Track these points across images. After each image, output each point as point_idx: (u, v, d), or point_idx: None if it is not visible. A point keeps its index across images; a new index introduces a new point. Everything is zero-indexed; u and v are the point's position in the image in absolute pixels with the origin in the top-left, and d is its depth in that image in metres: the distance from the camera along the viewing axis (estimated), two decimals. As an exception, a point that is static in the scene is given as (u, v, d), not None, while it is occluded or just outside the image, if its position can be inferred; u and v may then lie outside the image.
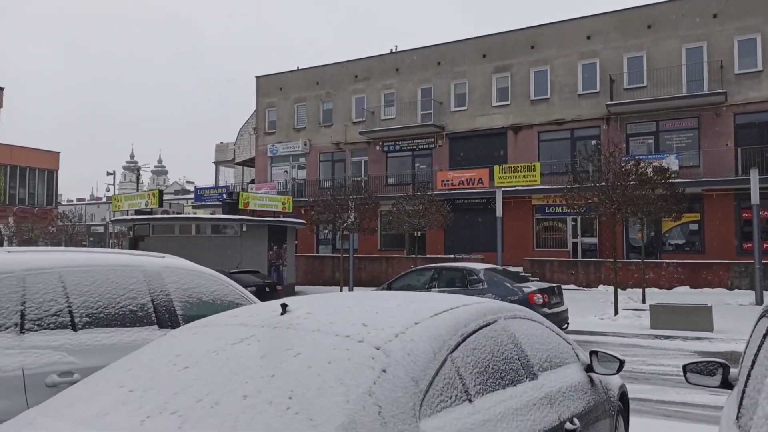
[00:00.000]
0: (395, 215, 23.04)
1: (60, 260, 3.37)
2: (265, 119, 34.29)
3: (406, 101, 29.75)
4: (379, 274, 25.68)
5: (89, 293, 3.35)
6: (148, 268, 3.79)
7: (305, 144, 32.27)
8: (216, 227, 21.58)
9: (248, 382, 1.78)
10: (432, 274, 11.63)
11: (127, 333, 3.42)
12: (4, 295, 3.00)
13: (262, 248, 21.34)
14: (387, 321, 2.14)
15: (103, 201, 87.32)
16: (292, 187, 32.33)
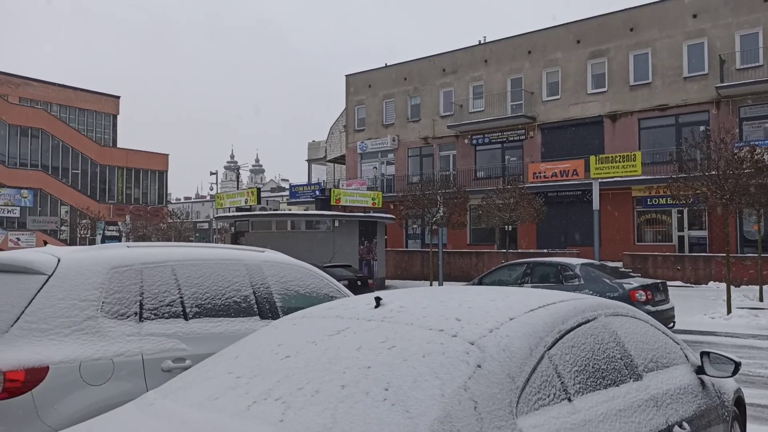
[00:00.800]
0: (485, 209, 22.66)
1: (172, 254, 3.63)
2: (354, 117, 34.96)
3: (495, 93, 29.12)
4: (469, 269, 25.40)
5: (198, 285, 3.59)
6: (250, 262, 3.99)
7: (393, 140, 32.54)
8: (310, 223, 22.32)
9: (346, 372, 1.83)
10: (524, 270, 11.33)
11: (232, 323, 3.63)
12: (125, 287, 3.29)
13: (354, 243, 21.79)
14: (481, 316, 2.11)
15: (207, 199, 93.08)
16: (381, 182, 32.74)
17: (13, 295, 3.01)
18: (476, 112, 29.70)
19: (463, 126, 29.26)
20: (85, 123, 46.32)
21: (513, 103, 28.65)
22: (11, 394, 2.72)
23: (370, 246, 22.56)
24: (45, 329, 2.92)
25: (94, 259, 3.30)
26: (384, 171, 33.38)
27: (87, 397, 2.88)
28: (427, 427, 1.58)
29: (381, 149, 33.30)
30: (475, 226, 27.76)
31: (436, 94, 31.27)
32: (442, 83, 31.09)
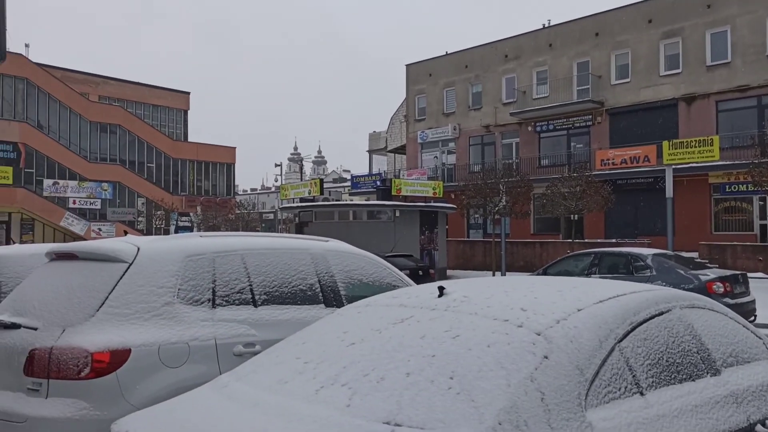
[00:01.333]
0: (550, 198, 22.08)
1: (242, 244, 3.76)
2: (414, 106, 34.83)
3: (561, 78, 28.21)
4: (533, 259, 24.87)
5: (266, 273, 3.71)
6: (314, 251, 4.08)
7: (454, 129, 32.21)
8: (371, 213, 22.51)
9: (410, 360, 1.85)
10: (592, 260, 10.98)
11: (298, 310, 3.73)
12: (199, 275, 3.44)
13: (415, 233, 21.81)
14: (547, 306, 2.07)
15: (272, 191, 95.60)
16: (442, 172, 32.52)
17: (99, 282, 3.21)
18: (540, 98, 28.89)
19: (526, 113, 28.55)
20: (158, 118, 48.61)
21: (579, 87, 27.66)
22: (98, 374, 2.92)
23: (431, 236, 22.50)
24: (127, 314, 3.10)
25: (170, 248, 3.47)
26: (445, 160, 33.13)
27: (165, 378, 3.05)
28: (493, 416, 1.57)
29: (441, 138, 33.05)
30: (539, 216, 27.11)
31: (498, 81, 30.64)
32: (504, 70, 30.43)
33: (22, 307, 3.32)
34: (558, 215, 22.63)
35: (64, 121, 40.96)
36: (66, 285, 3.29)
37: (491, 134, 30.90)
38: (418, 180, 27.18)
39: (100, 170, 41.54)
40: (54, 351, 2.93)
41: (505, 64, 30.38)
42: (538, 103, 28.72)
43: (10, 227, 37.24)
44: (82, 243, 3.89)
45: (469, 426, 1.55)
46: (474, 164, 30.89)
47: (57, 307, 3.15)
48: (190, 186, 46.78)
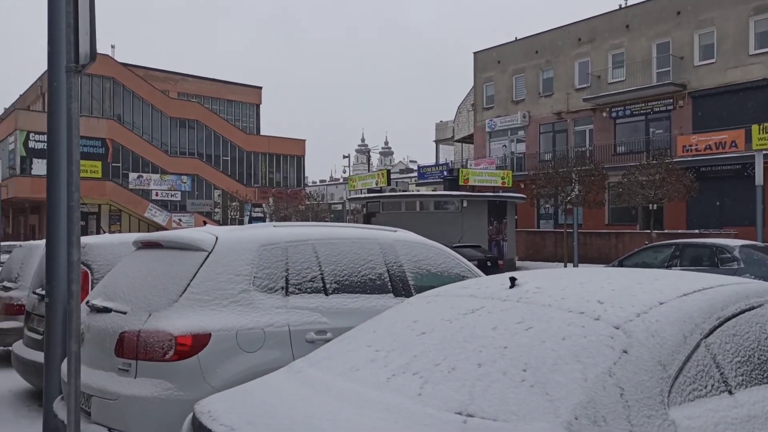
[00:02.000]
0: (626, 187, 21.14)
1: (313, 234, 3.85)
2: (482, 94, 34.23)
3: (638, 60, 26.81)
4: (607, 251, 23.94)
5: (336, 263, 3.78)
6: (383, 241, 4.12)
7: (524, 116, 31.41)
8: (438, 203, 22.41)
9: (482, 351, 1.83)
10: (672, 252, 10.43)
11: (367, 299, 3.78)
12: (273, 263, 3.56)
13: (483, 223, 21.53)
14: (626, 299, 1.98)
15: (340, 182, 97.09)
16: (511, 161, 31.84)
17: (181, 269, 3.38)
18: (616, 82, 27.61)
19: (601, 98, 27.39)
20: (232, 113, 50.44)
21: (659, 70, 26.20)
22: (181, 356, 3.08)
23: (499, 226, 22.14)
24: (207, 300, 3.25)
25: (246, 238, 3.60)
26: (514, 149, 32.41)
27: (243, 362, 3.18)
28: (569, 411, 1.53)
29: (510, 126, 32.32)
30: (614, 205, 26.01)
31: (571, 66, 29.53)
32: (577, 54, 29.29)
33: (113, 292, 3.56)
34: (635, 205, 21.63)
35: (146, 117, 43.37)
36: (151, 272, 3.49)
37: (563, 121, 29.89)
38: (486, 169, 26.76)
39: (180, 164, 43.68)
40: (141, 334, 3.12)
41: (578, 47, 29.23)
42: (614, 87, 27.45)
43: (100, 218, 39.97)
44: (166, 233, 4.10)
45: (544, 419, 1.52)
46: (544, 153, 30.03)
47: (143, 293, 3.35)
48: (263, 178, 48.31)
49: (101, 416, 3.14)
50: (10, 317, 6.50)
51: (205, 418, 1.90)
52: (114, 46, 49.01)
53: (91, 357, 3.34)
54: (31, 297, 5.66)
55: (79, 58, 3.24)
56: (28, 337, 5.47)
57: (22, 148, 37.17)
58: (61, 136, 4.31)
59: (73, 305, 3.17)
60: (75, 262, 3.20)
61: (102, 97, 42.02)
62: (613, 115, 27.74)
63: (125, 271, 3.69)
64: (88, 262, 5.05)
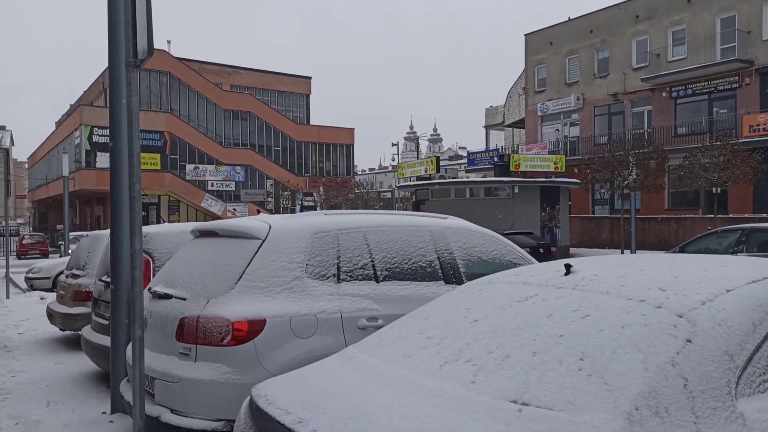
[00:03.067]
0: (687, 169, 20.23)
1: (363, 221, 3.87)
2: (534, 77, 33.39)
3: (701, 36, 25.45)
4: (667, 237, 23.01)
5: (387, 250, 3.79)
6: (433, 228, 4.10)
7: (578, 99, 30.46)
8: (488, 190, 22.11)
9: (536, 339, 1.79)
10: (738, 237, 9.92)
11: (418, 287, 3.78)
12: (325, 251, 3.60)
13: (535, 209, 21.12)
14: (690, 286, 1.90)
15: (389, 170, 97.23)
16: (564, 145, 31.01)
17: (236, 257, 3.47)
18: (676, 60, 26.33)
19: (660, 77, 26.20)
20: (282, 104, 51.24)
21: (723, 46, 24.78)
22: (238, 341, 3.17)
23: (552, 212, 21.66)
24: (261, 287, 3.32)
25: (299, 226, 3.66)
26: (567, 133, 31.53)
27: (297, 348, 3.24)
28: (629, 401, 1.48)
29: (564, 110, 31.42)
30: (674, 190, 24.95)
31: (628, 45, 28.36)
32: (634, 32, 28.08)
33: (173, 279, 3.69)
34: (697, 188, 20.69)
35: (201, 110, 44.66)
36: (208, 260, 3.59)
37: (619, 103, 28.82)
38: (538, 154, 26.16)
39: (233, 155, 44.83)
40: (200, 320, 3.22)
41: (635, 25, 28.02)
42: (675, 66, 26.20)
43: (160, 208, 41.61)
44: (221, 221, 4.22)
45: (602, 409, 1.48)
46: (600, 136, 29.09)
47: (201, 280, 3.46)
48: (313, 167, 48.95)
49: (164, 398, 3.27)
50: (79, 303, 6.85)
51: (262, 401, 1.95)
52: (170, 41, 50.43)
53: (153, 341, 3.48)
54: (98, 284, 5.93)
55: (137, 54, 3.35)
56: (96, 322, 5.74)
57: (86, 142, 39.05)
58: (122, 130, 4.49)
59: (136, 292, 3.31)
60: (137, 250, 3.34)
61: (159, 91, 43.54)
62: (674, 95, 26.50)
63: (184, 259, 3.82)
64: (150, 251, 5.25)
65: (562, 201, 22.12)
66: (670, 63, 26.50)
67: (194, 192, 41.78)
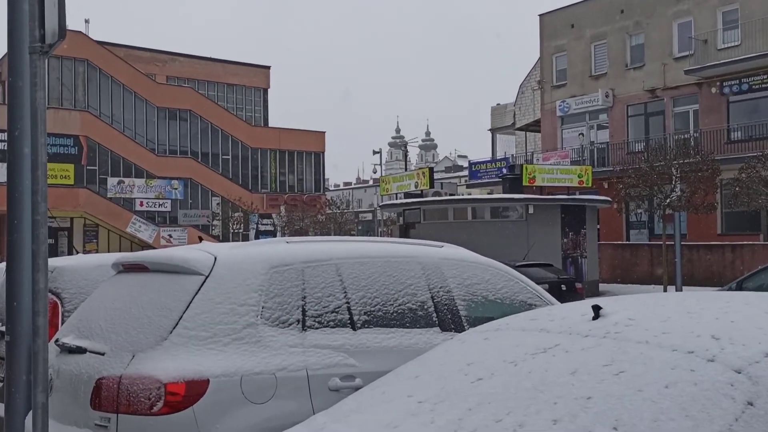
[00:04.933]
0: (745, 184, 20.64)
1: (336, 251, 3.89)
2: (552, 69, 34.01)
3: (758, 18, 26.21)
4: (721, 269, 23.35)
5: (367, 288, 3.81)
6: (426, 259, 4.14)
7: (606, 95, 31.05)
8: (496, 210, 22.30)
9: (557, 403, 1.80)
10: (810, 270, 10.12)
11: (407, 334, 3.79)
12: (286, 289, 3.59)
13: (555, 235, 21.33)
14: (750, 333, 1.92)
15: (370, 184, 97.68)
16: (591, 153, 31.50)
17: (171, 298, 3.44)
18: (728, 47, 27.05)
19: (708, 69, 26.87)
20: (233, 100, 51.41)
21: (786, 30, 25.57)
22: (172, 408, 3.12)
23: (576, 238, 21.90)
24: (204, 337, 3.29)
25: (253, 257, 3.66)
26: (594, 138, 32.06)
27: (249, 417, 3.21)
28: (676, 483, 1.49)
29: (589, 109, 31.98)
30: (728, 210, 25.40)
31: (668, 29, 29.09)
32: (676, 12, 28.84)
33: (88, 327, 3.64)
34: (757, 208, 21.08)
35: (128, 108, 44.60)
36: (135, 302, 3.56)
37: (658, 100, 29.43)
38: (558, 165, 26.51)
39: (170, 165, 44.72)
40: (123, 380, 3.18)
41: (676, 4, 28.79)
42: (726, 54, 26.89)
43: (72, 235, 41.18)
44: (152, 252, 4.19)
45: None
46: (634, 141, 29.62)
47: (126, 328, 3.42)
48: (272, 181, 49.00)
49: (75, 485, 3.21)
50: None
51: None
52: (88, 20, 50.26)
53: (61, 409, 3.42)
54: (-11, 334, 5.82)
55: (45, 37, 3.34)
56: (-14, 385, 5.62)
57: (-22, 149, 38.68)
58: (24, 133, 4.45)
59: (39, 345, 3.25)
60: (41, 290, 3.29)
61: (74, 83, 43.45)
62: (725, 91, 27.14)
63: (103, 301, 3.78)
64: (58, 290, 5.18)
65: (588, 224, 22.37)
66: (721, 51, 27.19)
67: (118, 213, 41.50)
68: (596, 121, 32.12)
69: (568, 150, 31.68)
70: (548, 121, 34.10)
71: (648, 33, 29.80)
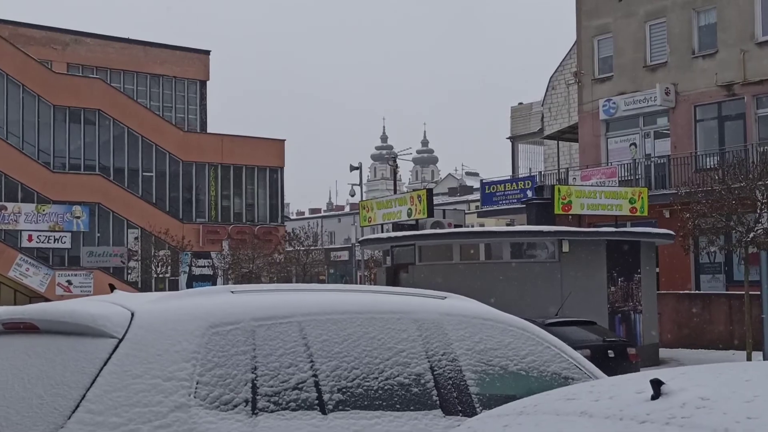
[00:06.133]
0: None
1: (300, 305, 3.88)
2: (593, 57, 34.33)
3: None
4: (825, 328, 23.44)
5: (342, 356, 3.78)
6: (423, 316, 4.13)
7: (666, 92, 31.39)
8: (518, 247, 22.33)
9: None
10: None
11: (397, 420, 3.77)
12: (230, 357, 3.56)
13: (598, 281, 21.37)
14: None
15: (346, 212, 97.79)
16: (646, 171, 31.71)
17: (71, 370, 3.40)
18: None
19: (802, 58, 27.29)
20: (160, 97, 51.33)
21: None
22: None
23: (628, 286, 21.95)
24: (115, 425, 3.25)
25: (184, 314, 3.63)
26: (650, 149, 32.29)
27: None
28: None
29: (643, 110, 32.27)
30: (833, 247, 25.62)
31: (748, 3, 29.57)
32: (757, -18, 29.38)
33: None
34: None
35: (14, 108, 44.37)
36: (19, 375, 3.51)
37: (736, 99, 29.81)
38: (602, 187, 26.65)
39: (70, 185, 44.46)
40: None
41: (758, -29, 29.33)
42: (825, 38, 27.36)
43: (-65, 280, 40.73)
44: (45, 306, 4.14)
45: None
46: (705, 155, 29.89)
47: (7, 411, 3.36)
48: (211, 208, 48.84)
49: None
50: None
51: None
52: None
53: None
54: None
55: None
56: None
57: None
58: None
59: None
60: None
61: (-60, 74, 43.31)
62: (826, 88, 27.55)
63: (-27, 375, 3.72)
64: None
65: (644, 267, 22.42)
66: (819, 34, 27.66)
67: (-3, 251, 41.19)
68: (653, 127, 32.38)
69: (616, 166, 31.86)
70: (588, 127, 34.33)
71: (721, 8, 30.25)
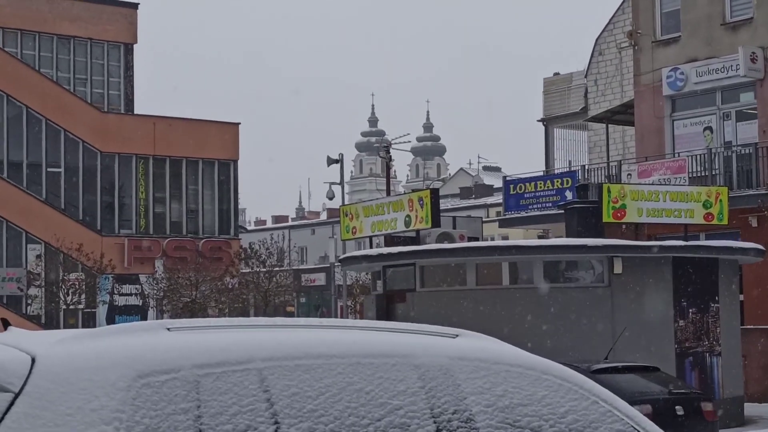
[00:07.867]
0: None
1: (260, 347, 3.89)
2: (653, 12, 34.43)
3: None
4: None
5: (315, 414, 3.79)
6: (426, 360, 4.17)
7: (752, 58, 31.51)
8: (554, 267, 22.33)
9: None
10: None
11: None
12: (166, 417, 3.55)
13: (661, 313, 21.38)
14: None
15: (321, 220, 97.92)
16: (725, 163, 31.75)
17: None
18: None
19: None
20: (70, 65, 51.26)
21: None
22: None
23: (702, 319, 21.98)
24: None
25: (104, 359, 3.63)
26: (731, 135, 32.33)
27: None
28: None
29: (722, 82, 32.37)
30: None
31: None
32: None
33: None
34: None
35: None
36: None
37: None
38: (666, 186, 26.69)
39: (-51, 185, 44.54)
40: None
41: None
42: None
43: None
44: None
45: None
46: (804, 143, 30.00)
47: None
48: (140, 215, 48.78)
49: None
50: None
51: None
52: None
53: None
54: None
55: None
56: None
57: None
58: None
59: None
60: None
61: None
62: None
63: None
64: None
65: (723, 294, 22.44)
66: None
67: None
68: (735, 105, 32.47)
69: (685, 158, 31.90)
70: (647, 106, 34.39)
71: (825, -53, 30.46)
